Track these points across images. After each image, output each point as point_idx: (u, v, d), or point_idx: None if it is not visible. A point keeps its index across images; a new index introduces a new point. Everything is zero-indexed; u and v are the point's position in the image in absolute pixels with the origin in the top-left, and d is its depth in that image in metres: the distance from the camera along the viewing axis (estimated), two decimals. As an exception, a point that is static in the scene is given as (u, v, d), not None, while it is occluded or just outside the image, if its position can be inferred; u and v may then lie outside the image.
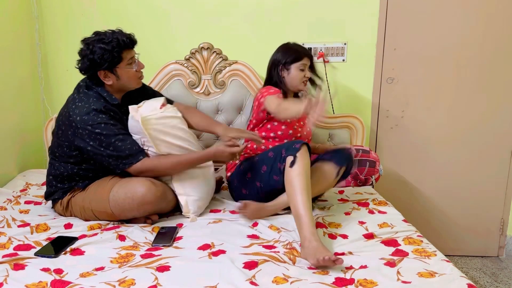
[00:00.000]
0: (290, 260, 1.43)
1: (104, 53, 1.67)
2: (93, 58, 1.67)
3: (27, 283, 1.25)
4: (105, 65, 1.69)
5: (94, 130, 1.66)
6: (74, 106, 1.71)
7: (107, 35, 1.70)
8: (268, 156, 1.82)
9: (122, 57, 1.72)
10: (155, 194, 1.69)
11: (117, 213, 1.71)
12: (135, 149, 1.71)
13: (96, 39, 1.70)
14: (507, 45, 2.49)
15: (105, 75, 1.72)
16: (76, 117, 1.68)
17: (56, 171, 1.80)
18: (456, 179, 2.66)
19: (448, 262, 1.39)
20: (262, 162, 1.85)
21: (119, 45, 1.70)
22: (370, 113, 2.61)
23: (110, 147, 1.68)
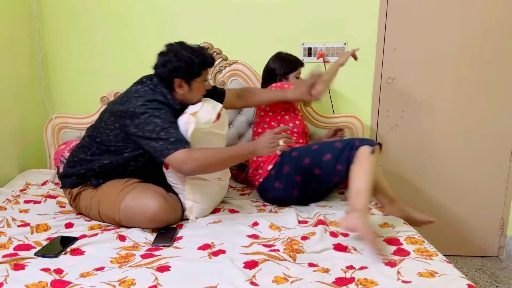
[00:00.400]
0: (290, 258, 1.43)
1: (191, 64, 1.74)
2: (178, 66, 1.73)
3: (27, 283, 1.25)
4: (186, 75, 1.76)
5: (154, 113, 1.67)
6: (137, 95, 1.73)
7: (196, 49, 1.78)
8: (335, 146, 1.86)
9: (201, 73, 1.80)
10: (167, 213, 1.69)
11: (124, 222, 1.71)
12: (183, 140, 1.67)
13: (184, 48, 1.76)
14: (507, 45, 2.49)
15: (180, 84, 1.77)
16: (136, 103, 1.70)
17: (86, 155, 1.80)
18: (456, 179, 2.66)
19: (448, 263, 1.39)
20: (325, 151, 1.87)
21: (205, 62, 1.79)
22: (370, 113, 2.61)
23: (162, 132, 1.65)
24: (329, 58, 2.54)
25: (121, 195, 1.70)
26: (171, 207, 1.72)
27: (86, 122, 2.46)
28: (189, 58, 1.73)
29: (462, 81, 2.55)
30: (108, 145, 1.77)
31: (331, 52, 2.53)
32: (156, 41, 2.51)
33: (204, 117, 1.77)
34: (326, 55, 2.53)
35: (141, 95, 1.73)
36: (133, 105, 1.70)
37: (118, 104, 1.76)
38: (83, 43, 2.55)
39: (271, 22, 2.51)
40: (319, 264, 1.40)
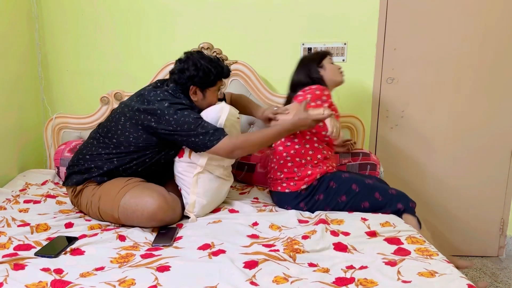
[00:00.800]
0: (290, 258, 1.43)
1: (208, 74, 1.81)
2: (196, 74, 1.79)
3: (27, 283, 1.25)
4: (201, 84, 1.82)
5: (183, 113, 1.74)
6: (159, 99, 1.78)
7: (214, 59, 1.86)
8: (375, 197, 1.90)
9: (216, 83, 1.86)
10: (166, 213, 1.70)
11: (123, 220, 1.72)
12: (220, 128, 1.78)
13: (202, 58, 1.83)
14: (507, 45, 2.49)
15: (195, 91, 1.83)
16: (164, 104, 1.75)
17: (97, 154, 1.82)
18: (456, 179, 2.66)
19: (449, 263, 1.39)
20: (364, 198, 1.90)
21: (221, 73, 1.86)
22: (370, 113, 2.61)
23: (198, 128, 1.74)
24: (329, 58, 2.54)
25: (121, 193, 1.71)
26: (170, 206, 1.72)
27: (86, 122, 2.46)
28: (207, 68, 1.80)
29: (462, 81, 2.55)
30: (127, 145, 1.80)
31: (331, 52, 2.53)
32: (156, 41, 2.53)
33: (234, 110, 1.90)
34: (326, 55, 2.53)
35: (163, 99, 1.78)
36: (159, 107, 1.75)
37: (138, 106, 1.79)
38: (83, 43, 2.54)
39: (271, 22, 2.51)
40: (319, 264, 1.40)
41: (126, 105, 1.85)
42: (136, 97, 1.85)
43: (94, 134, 1.90)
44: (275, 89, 2.54)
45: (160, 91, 1.82)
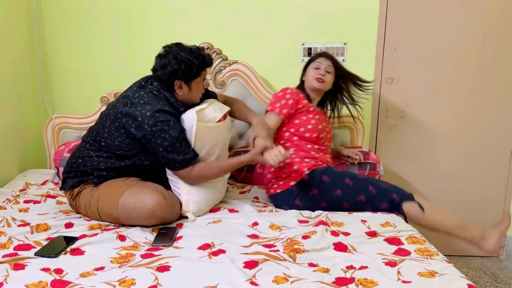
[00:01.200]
0: (290, 258, 1.43)
1: (190, 66, 1.76)
2: (178, 68, 1.75)
3: (27, 283, 1.25)
4: (185, 77, 1.78)
5: (163, 127, 1.72)
6: (142, 102, 1.75)
7: (194, 50, 1.80)
8: (369, 190, 1.87)
9: (200, 74, 1.82)
10: (165, 209, 1.70)
11: (123, 219, 1.72)
12: (188, 157, 1.78)
13: (182, 50, 1.78)
14: (507, 45, 2.49)
15: (180, 85, 1.80)
16: (145, 113, 1.72)
17: (87, 156, 1.81)
18: (456, 178, 2.66)
19: (449, 263, 1.39)
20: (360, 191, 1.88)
21: (204, 63, 1.81)
22: (370, 113, 2.61)
23: (169, 147, 1.74)
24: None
25: (120, 192, 1.71)
26: (168, 203, 1.72)
27: (86, 122, 2.46)
28: (188, 60, 1.76)
29: (462, 81, 2.55)
30: (115, 149, 1.79)
31: (331, 52, 2.53)
32: (156, 41, 2.50)
33: (209, 115, 1.85)
34: (326, 55, 2.53)
35: (147, 102, 1.75)
36: (141, 114, 1.73)
37: (121, 108, 1.77)
38: (83, 43, 2.54)
39: (271, 22, 2.51)
40: (319, 264, 1.40)
41: (113, 107, 1.84)
42: (122, 99, 1.83)
43: (85, 137, 1.89)
44: (275, 89, 2.54)
45: (144, 92, 1.80)
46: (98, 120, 1.88)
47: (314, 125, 2.05)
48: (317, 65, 2.10)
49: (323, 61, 2.10)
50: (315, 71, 2.09)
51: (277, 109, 2.02)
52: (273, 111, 2.02)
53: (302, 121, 2.05)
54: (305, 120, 2.04)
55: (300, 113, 2.06)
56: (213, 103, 1.92)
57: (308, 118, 2.05)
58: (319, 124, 2.06)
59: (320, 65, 2.09)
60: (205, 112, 1.84)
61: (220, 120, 1.89)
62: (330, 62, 2.11)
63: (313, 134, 2.04)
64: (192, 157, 1.79)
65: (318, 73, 2.07)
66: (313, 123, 2.05)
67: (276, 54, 2.54)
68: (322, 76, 2.07)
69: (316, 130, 2.04)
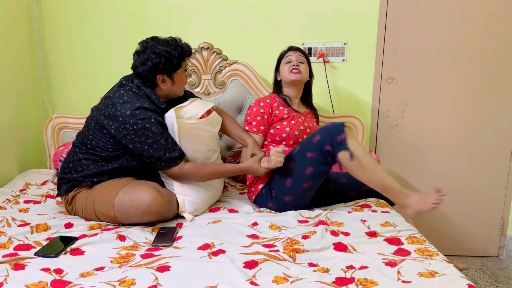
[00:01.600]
0: (290, 258, 1.43)
1: (170, 58, 1.74)
2: (159, 62, 1.73)
3: (27, 283, 1.25)
4: (167, 70, 1.76)
5: (144, 125, 1.69)
6: (122, 101, 1.72)
7: (171, 42, 1.78)
8: (308, 157, 1.81)
9: (181, 65, 1.80)
10: (161, 205, 1.70)
11: (120, 218, 1.71)
12: (175, 155, 1.76)
13: (159, 43, 1.76)
14: (507, 45, 2.49)
15: (163, 79, 1.78)
16: (125, 112, 1.69)
17: (77, 160, 1.80)
18: (456, 179, 2.66)
19: (449, 263, 1.39)
20: (306, 164, 1.82)
21: (184, 53, 1.79)
22: (370, 113, 2.61)
23: (154, 144, 1.72)
24: (329, 58, 2.54)
25: (115, 191, 1.71)
26: (164, 198, 1.72)
27: (86, 122, 2.46)
28: (167, 53, 1.74)
29: (462, 81, 2.55)
30: (100, 151, 1.77)
31: (331, 52, 2.54)
32: (156, 41, 2.53)
33: (189, 112, 1.83)
34: (326, 55, 2.53)
35: (126, 101, 1.72)
36: (121, 113, 1.70)
37: (104, 110, 1.75)
38: (83, 43, 2.55)
39: (271, 22, 2.51)
40: (319, 264, 1.40)
41: (97, 109, 1.82)
42: (104, 99, 1.81)
43: (74, 141, 1.88)
44: (275, 89, 2.54)
45: (124, 90, 1.77)
46: (85, 123, 1.86)
47: (289, 132, 2.00)
48: (288, 59, 2.08)
49: (293, 54, 2.08)
50: (287, 65, 2.07)
51: (255, 128, 2.02)
52: (252, 132, 2.02)
53: (276, 130, 2.02)
54: (279, 129, 2.01)
55: (275, 122, 2.03)
56: (195, 100, 1.92)
57: (282, 126, 2.01)
58: (295, 130, 2.02)
59: (291, 58, 2.07)
60: (184, 109, 1.82)
61: (202, 116, 1.86)
62: (299, 53, 2.09)
63: (289, 141, 2.01)
64: (178, 155, 1.76)
65: (291, 65, 2.05)
66: (288, 131, 2.01)
67: (276, 54, 2.52)
68: (297, 66, 2.04)
69: (292, 137, 2.01)
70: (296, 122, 2.04)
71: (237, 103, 2.47)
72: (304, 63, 2.08)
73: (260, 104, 2.04)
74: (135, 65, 1.78)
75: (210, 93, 2.47)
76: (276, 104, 2.06)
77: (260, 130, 2.02)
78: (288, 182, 1.85)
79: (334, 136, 1.77)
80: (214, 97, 2.47)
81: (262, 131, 2.02)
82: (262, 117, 2.01)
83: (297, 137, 2.02)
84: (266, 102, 2.05)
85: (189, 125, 1.81)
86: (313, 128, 2.09)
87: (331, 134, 1.78)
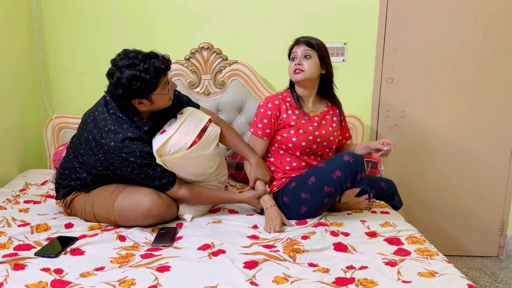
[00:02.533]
0: (290, 258, 1.43)
1: (142, 84, 1.56)
2: (129, 88, 1.56)
3: (27, 283, 1.25)
4: (141, 94, 1.59)
5: (128, 158, 1.63)
6: (106, 129, 1.64)
7: (143, 60, 1.56)
8: (332, 177, 1.70)
9: (158, 84, 1.61)
10: (161, 208, 1.69)
11: (120, 221, 1.71)
12: (164, 182, 1.71)
13: (129, 64, 1.56)
14: (507, 45, 2.49)
15: (140, 101, 1.63)
16: (109, 142, 1.62)
17: (72, 167, 1.78)
18: (456, 178, 2.66)
19: (449, 263, 1.39)
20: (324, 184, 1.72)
21: (157, 74, 1.58)
22: (370, 113, 2.61)
23: (141, 174, 1.68)
24: (329, 58, 2.53)
25: (114, 194, 1.70)
26: (164, 201, 1.71)
27: (86, 122, 2.45)
28: (136, 78, 1.55)
29: (462, 81, 2.55)
30: (90, 168, 1.74)
31: (331, 52, 2.53)
32: (156, 41, 2.53)
33: (176, 145, 1.66)
34: (326, 55, 2.53)
35: (110, 129, 1.64)
36: (106, 142, 1.63)
37: (92, 131, 1.68)
38: (83, 43, 2.54)
39: (271, 22, 2.51)
40: (319, 264, 1.40)
41: (85, 122, 1.74)
42: (92, 116, 1.72)
43: (69, 148, 1.84)
44: (275, 89, 2.54)
45: (108, 114, 1.67)
46: (78, 131, 1.79)
47: (296, 143, 1.83)
48: (294, 55, 1.86)
49: (298, 48, 1.86)
50: (292, 63, 1.86)
51: (260, 131, 1.87)
52: (256, 135, 1.88)
53: (282, 138, 1.86)
54: (285, 138, 1.85)
55: (281, 128, 1.86)
56: (184, 123, 1.71)
57: (289, 135, 1.84)
58: (303, 140, 1.83)
59: (296, 54, 1.85)
60: (169, 143, 1.65)
61: (194, 143, 1.68)
62: (305, 46, 1.85)
63: (296, 151, 1.86)
64: (168, 182, 1.71)
65: (294, 63, 1.84)
66: (295, 141, 1.83)
67: (276, 54, 2.53)
68: (299, 65, 1.82)
69: (298, 147, 1.84)
70: (305, 131, 1.84)
71: (237, 103, 2.47)
72: (312, 57, 1.83)
73: (268, 105, 1.86)
74: (108, 88, 1.64)
75: (210, 93, 2.47)
76: (285, 107, 1.86)
77: (265, 134, 1.87)
78: (303, 209, 1.78)
79: (355, 174, 1.68)
80: (214, 97, 2.47)
81: (268, 134, 1.87)
82: (269, 120, 1.85)
83: (304, 148, 1.84)
84: (274, 103, 1.85)
85: (176, 159, 1.68)
86: (325, 137, 1.88)
87: (353, 172, 1.68)
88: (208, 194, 1.82)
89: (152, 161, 1.67)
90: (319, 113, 1.92)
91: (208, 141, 1.76)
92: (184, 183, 1.78)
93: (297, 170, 1.88)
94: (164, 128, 1.72)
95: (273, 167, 1.92)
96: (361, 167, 1.68)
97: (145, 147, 1.66)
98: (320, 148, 1.89)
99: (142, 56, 1.58)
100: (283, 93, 1.93)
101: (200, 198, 1.80)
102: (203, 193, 1.80)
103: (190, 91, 2.46)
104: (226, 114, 2.48)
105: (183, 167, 1.73)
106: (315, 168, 1.79)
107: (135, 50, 1.62)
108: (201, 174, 1.81)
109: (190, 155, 1.69)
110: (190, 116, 1.75)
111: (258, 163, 1.86)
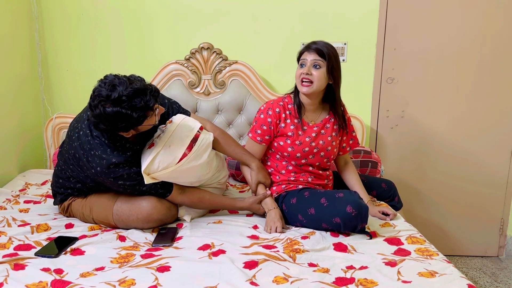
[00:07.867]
0: (290, 258, 1.44)
1: (128, 122, 1.48)
2: (113, 125, 1.48)
3: (27, 283, 1.25)
4: (125, 129, 1.52)
5: (117, 182, 1.61)
6: (92, 153, 1.59)
7: (129, 98, 1.43)
8: (331, 221, 1.62)
9: (143, 121, 1.52)
10: (161, 212, 1.68)
11: (120, 226, 1.70)
12: (160, 191, 1.68)
13: (115, 100, 1.43)
14: (507, 45, 2.49)
15: (125, 132, 1.56)
16: (96, 167, 1.59)
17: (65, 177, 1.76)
18: (456, 179, 2.66)
19: (449, 263, 1.39)
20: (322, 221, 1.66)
21: (145, 111, 1.49)
22: (370, 113, 2.61)
23: (135, 192, 1.67)
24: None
25: (112, 200, 1.69)
26: (164, 205, 1.70)
27: (86, 122, 2.45)
28: (121, 116, 1.45)
29: (462, 81, 2.55)
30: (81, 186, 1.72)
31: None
32: (156, 41, 2.53)
33: (164, 161, 1.61)
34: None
35: (95, 154, 1.58)
36: (92, 166, 1.60)
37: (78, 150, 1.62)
38: (83, 43, 2.54)
39: (271, 22, 2.51)
40: (319, 264, 1.40)
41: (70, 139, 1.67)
42: (76, 133, 1.65)
43: (59, 157, 1.79)
44: (275, 89, 2.54)
45: (91, 138, 1.60)
46: (65, 146, 1.72)
47: (291, 153, 1.81)
48: (303, 61, 1.76)
49: (308, 56, 1.74)
50: (300, 70, 1.76)
51: (259, 137, 1.84)
52: (255, 140, 1.85)
53: (279, 146, 1.83)
54: (282, 146, 1.82)
55: (279, 136, 1.83)
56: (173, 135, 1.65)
57: (286, 144, 1.81)
58: (298, 151, 1.80)
59: (305, 61, 1.75)
60: (156, 161, 1.60)
61: (184, 155, 1.63)
62: (315, 55, 1.73)
63: (290, 161, 1.83)
64: (164, 192, 1.69)
65: (302, 72, 1.74)
66: (290, 151, 1.80)
67: (276, 54, 2.54)
68: (307, 75, 1.73)
69: (293, 157, 1.81)
70: (302, 142, 1.80)
71: (237, 103, 2.47)
72: (321, 67, 1.72)
73: (269, 112, 1.82)
74: (89, 118, 1.53)
75: (210, 93, 2.48)
76: (284, 115, 1.82)
77: (264, 140, 1.84)
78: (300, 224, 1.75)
79: (355, 226, 1.60)
80: (214, 97, 2.47)
81: (266, 140, 1.85)
82: (268, 127, 1.82)
83: (299, 158, 1.82)
84: (275, 111, 1.81)
85: (166, 174, 1.63)
86: (323, 147, 1.83)
87: (353, 226, 1.59)
88: (209, 200, 1.80)
89: (142, 179, 1.61)
90: (319, 121, 1.87)
91: (200, 151, 1.69)
92: (184, 189, 1.75)
93: (293, 174, 1.86)
94: (152, 141, 1.67)
95: (270, 169, 1.91)
96: (362, 220, 1.58)
97: (132, 168, 1.61)
98: (317, 159, 1.84)
99: (129, 92, 1.43)
100: (285, 98, 1.87)
101: (201, 204, 1.80)
102: (204, 199, 1.78)
103: (190, 91, 2.46)
104: (226, 114, 2.48)
105: (176, 179, 1.70)
106: (317, 201, 1.68)
107: (121, 79, 1.47)
108: (197, 181, 1.79)
109: (181, 169, 1.64)
110: (180, 126, 1.68)
111: (259, 167, 1.85)
